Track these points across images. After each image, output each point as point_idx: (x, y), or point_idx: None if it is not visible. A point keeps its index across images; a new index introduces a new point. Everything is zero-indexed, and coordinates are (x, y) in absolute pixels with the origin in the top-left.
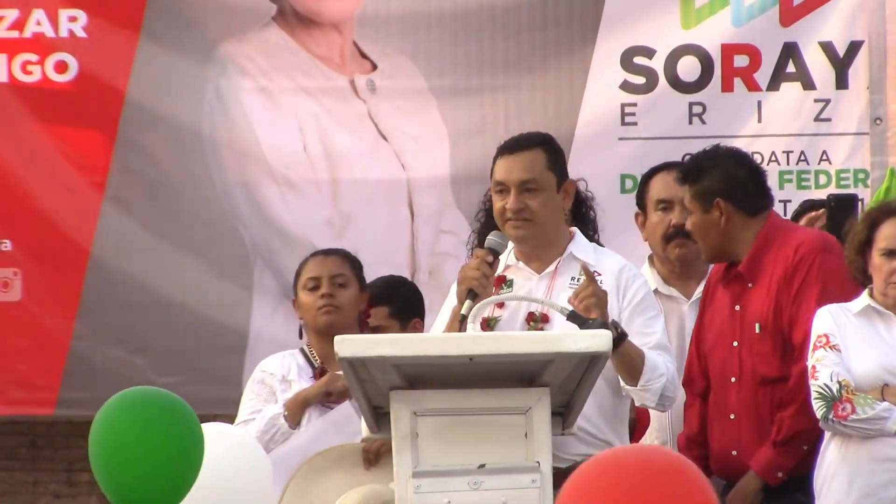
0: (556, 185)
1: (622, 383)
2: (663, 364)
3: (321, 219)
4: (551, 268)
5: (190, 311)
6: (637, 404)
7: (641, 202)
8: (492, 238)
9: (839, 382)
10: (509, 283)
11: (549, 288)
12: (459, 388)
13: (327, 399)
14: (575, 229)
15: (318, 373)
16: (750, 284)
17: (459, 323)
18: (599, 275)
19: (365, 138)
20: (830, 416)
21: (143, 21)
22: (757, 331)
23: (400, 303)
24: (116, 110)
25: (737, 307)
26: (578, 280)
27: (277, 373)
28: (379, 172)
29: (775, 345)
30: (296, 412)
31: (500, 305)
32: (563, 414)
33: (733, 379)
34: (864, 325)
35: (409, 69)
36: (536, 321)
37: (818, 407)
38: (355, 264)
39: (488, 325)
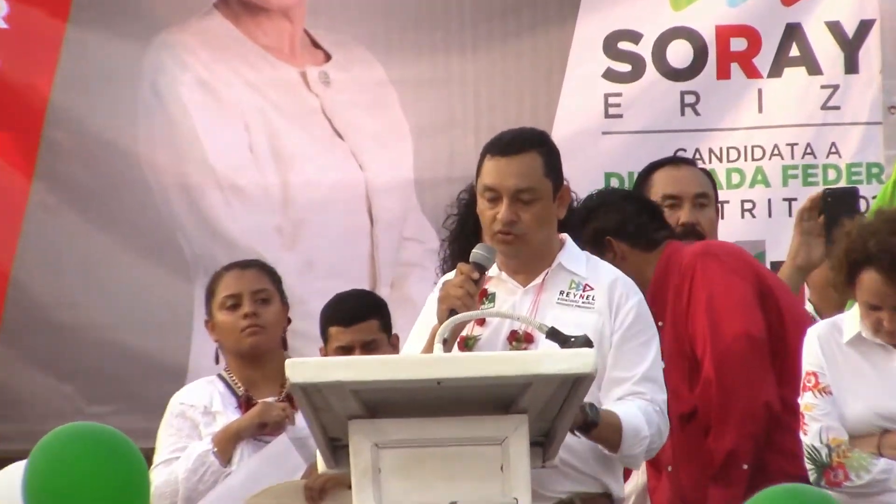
0: (553, 192)
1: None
2: (645, 420)
3: (270, 226)
4: (538, 280)
5: (123, 333)
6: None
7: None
8: (478, 252)
9: (828, 445)
10: (491, 297)
11: (535, 303)
12: (427, 416)
13: (261, 431)
14: (566, 236)
15: (244, 402)
16: (660, 323)
17: (443, 346)
18: (591, 288)
19: (318, 136)
20: (822, 484)
21: (71, 9)
22: (663, 366)
23: (387, 315)
24: (40, 110)
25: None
26: (568, 294)
27: (198, 404)
28: (334, 174)
29: (682, 374)
30: (226, 447)
31: (481, 323)
32: (544, 444)
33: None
34: (855, 357)
35: (367, 59)
36: (519, 341)
37: (809, 469)
38: (275, 277)
39: (466, 344)
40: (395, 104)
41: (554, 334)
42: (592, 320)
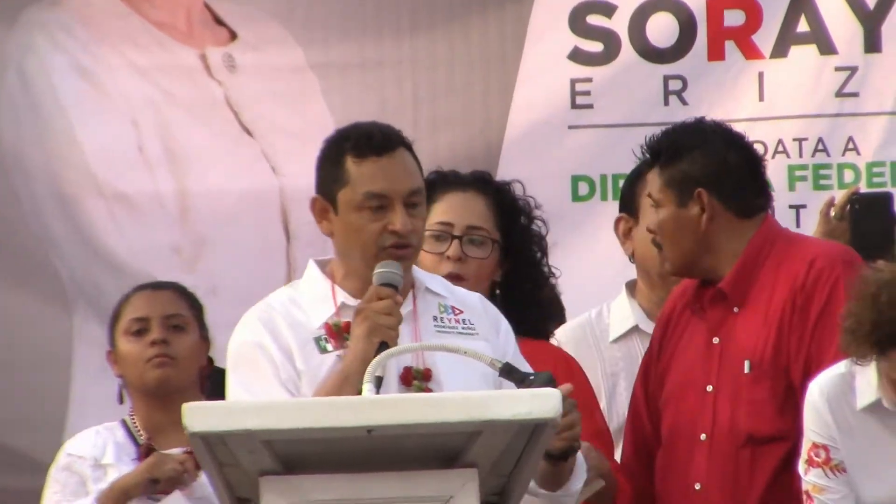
0: None
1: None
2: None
3: (165, 244)
4: (408, 307)
5: None
6: None
7: (631, 202)
8: (388, 271)
9: None
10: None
11: (415, 334)
12: (355, 471)
13: (153, 489)
14: None
15: (143, 452)
16: (736, 309)
17: (375, 390)
18: (461, 311)
19: (222, 134)
20: None
21: None
22: (746, 370)
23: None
24: None
25: (715, 340)
26: (442, 320)
27: (88, 455)
28: (242, 180)
29: (775, 392)
30: None
31: None
32: None
33: (703, 436)
34: (874, 427)
35: (282, 38)
36: (419, 379)
37: None
38: (195, 303)
39: (358, 388)
40: (317, 94)
41: (509, 372)
42: (482, 348)
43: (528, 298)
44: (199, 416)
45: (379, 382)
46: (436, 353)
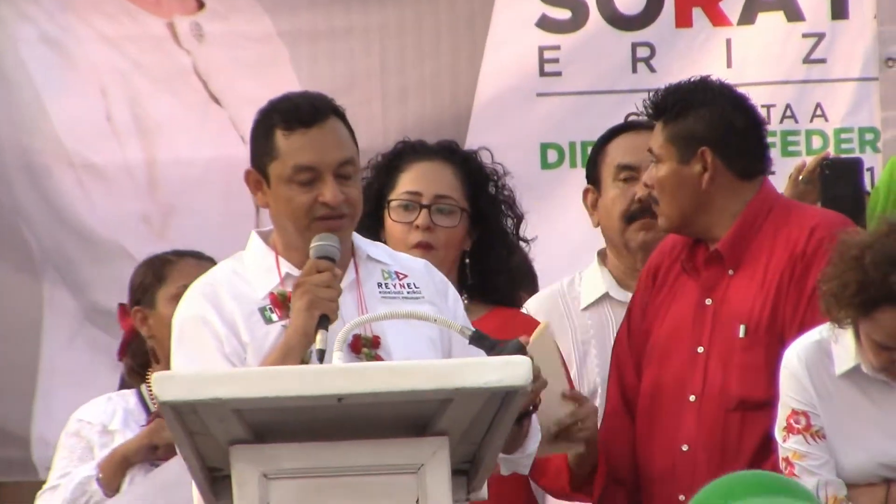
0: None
1: None
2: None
3: (134, 214)
4: (351, 276)
5: None
6: (504, 472)
7: (594, 173)
8: (325, 244)
9: None
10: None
11: (360, 303)
12: (325, 440)
13: (154, 455)
14: None
15: (151, 420)
16: (731, 271)
17: (319, 363)
18: (405, 276)
19: (190, 103)
20: None
21: None
22: (741, 335)
23: None
24: None
25: (707, 301)
26: (387, 286)
27: (96, 421)
28: (210, 149)
29: (768, 358)
30: (113, 474)
31: None
32: (469, 472)
33: (692, 398)
34: (852, 393)
35: (250, 7)
36: (368, 346)
37: None
38: None
39: (303, 360)
40: (285, 62)
41: (479, 339)
42: (429, 312)
43: (498, 266)
44: (169, 385)
45: (321, 356)
46: (383, 321)
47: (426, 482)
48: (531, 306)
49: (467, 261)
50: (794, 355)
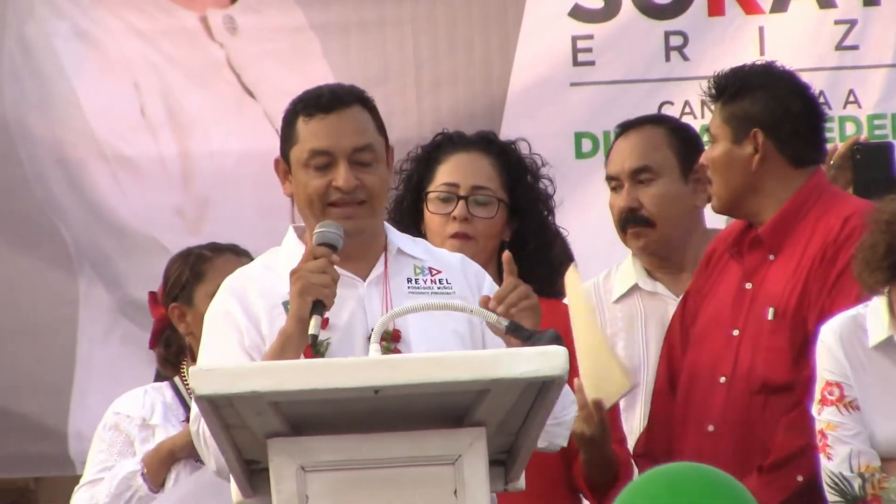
0: (385, 153)
1: None
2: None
3: (168, 207)
4: (379, 269)
5: None
6: (540, 447)
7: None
8: (326, 231)
9: (861, 475)
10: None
11: (386, 297)
12: (362, 432)
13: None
14: None
15: None
16: (771, 257)
17: (311, 349)
18: (438, 271)
19: (224, 96)
20: None
21: None
22: (770, 317)
23: None
24: None
25: (748, 285)
26: (417, 281)
27: (136, 415)
28: (244, 141)
29: (793, 341)
30: (158, 469)
31: (324, 325)
32: (506, 463)
33: (723, 379)
34: (886, 365)
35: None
36: (387, 340)
37: (832, 502)
38: None
39: (317, 350)
40: (318, 54)
41: (515, 329)
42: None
43: (537, 257)
44: (206, 378)
45: (314, 341)
46: (408, 316)
47: (463, 473)
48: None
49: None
50: (830, 329)
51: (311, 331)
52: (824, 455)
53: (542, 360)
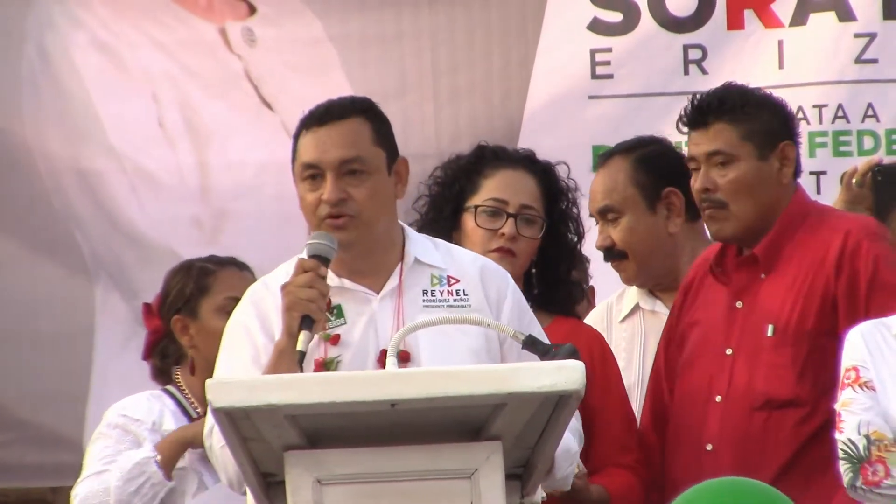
0: (387, 164)
1: None
2: (570, 434)
3: (186, 218)
4: (393, 282)
5: (11, 346)
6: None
7: None
8: (318, 242)
9: (867, 437)
10: (338, 312)
11: (398, 311)
12: (379, 445)
13: None
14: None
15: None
16: (763, 275)
17: (299, 365)
18: (457, 280)
19: (242, 107)
20: (858, 483)
21: None
22: (769, 334)
23: None
24: None
25: (738, 304)
26: (433, 293)
27: (146, 419)
28: (262, 153)
29: (796, 357)
30: (172, 457)
31: (335, 341)
32: (522, 477)
33: (718, 398)
34: None
35: (301, 12)
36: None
37: (844, 471)
38: None
39: (326, 367)
40: (336, 66)
41: (532, 343)
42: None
43: (561, 279)
44: (222, 391)
45: (301, 358)
46: (418, 332)
47: (480, 487)
48: (588, 319)
49: (533, 270)
50: (855, 328)
51: (298, 347)
52: (837, 430)
53: (560, 374)
